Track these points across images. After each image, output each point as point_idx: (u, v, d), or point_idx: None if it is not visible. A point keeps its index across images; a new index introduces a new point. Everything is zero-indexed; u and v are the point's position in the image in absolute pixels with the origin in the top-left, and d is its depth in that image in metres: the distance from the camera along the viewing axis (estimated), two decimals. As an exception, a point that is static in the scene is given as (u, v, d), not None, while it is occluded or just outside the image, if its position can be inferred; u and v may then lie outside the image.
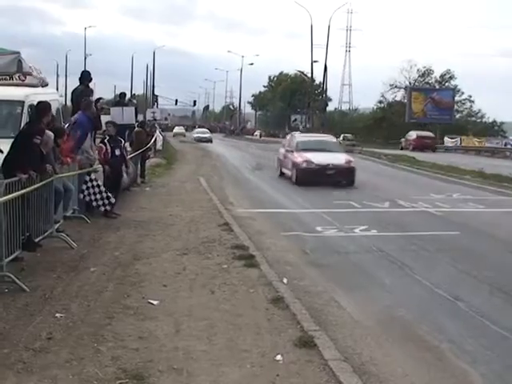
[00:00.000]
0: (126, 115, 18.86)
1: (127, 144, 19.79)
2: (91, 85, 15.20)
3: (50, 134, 9.83)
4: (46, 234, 9.66)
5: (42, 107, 10.09)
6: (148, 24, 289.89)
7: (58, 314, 6.63)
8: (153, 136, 24.68)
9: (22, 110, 12.43)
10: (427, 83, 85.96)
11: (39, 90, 13.04)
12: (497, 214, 16.19)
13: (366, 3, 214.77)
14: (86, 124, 13.01)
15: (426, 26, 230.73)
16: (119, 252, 9.82)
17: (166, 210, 14.55)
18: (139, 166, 20.65)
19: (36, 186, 8.82)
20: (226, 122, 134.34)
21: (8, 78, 9.97)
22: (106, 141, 13.80)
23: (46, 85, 11.33)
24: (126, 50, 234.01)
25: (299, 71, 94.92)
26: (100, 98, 18.07)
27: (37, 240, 9.35)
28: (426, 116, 74.73)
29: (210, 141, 68.92)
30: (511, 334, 6.73)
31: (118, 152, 14.17)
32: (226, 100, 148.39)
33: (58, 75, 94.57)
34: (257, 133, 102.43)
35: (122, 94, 22.98)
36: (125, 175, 15.05)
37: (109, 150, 13.63)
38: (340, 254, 10.68)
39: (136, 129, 21.04)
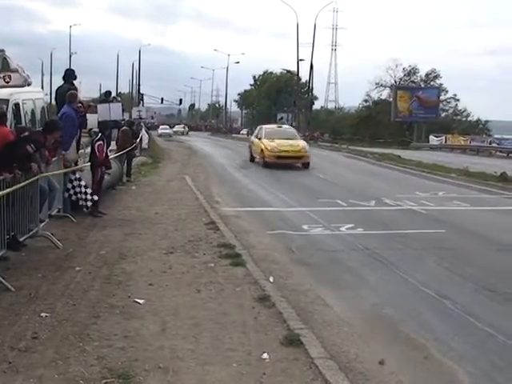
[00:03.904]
0: (113, 111, 18.82)
1: (113, 142, 19.80)
2: (76, 83, 15.12)
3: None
4: (31, 233, 9.61)
5: (52, 125, 10.19)
6: (134, 22, 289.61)
7: (43, 314, 6.60)
8: (138, 135, 24.67)
9: (7, 109, 12.37)
10: (413, 82, 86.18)
11: (24, 88, 12.99)
12: (482, 212, 16.27)
13: (352, 2, 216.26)
14: (74, 116, 12.92)
15: (412, 25, 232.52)
16: (105, 251, 9.79)
17: (151, 209, 14.51)
18: (125, 164, 20.58)
19: (21, 184, 8.77)
20: (212, 120, 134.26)
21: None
22: (103, 138, 13.60)
23: (29, 84, 11.27)
24: (111, 48, 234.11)
25: (286, 70, 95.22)
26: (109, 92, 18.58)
27: (22, 239, 9.30)
28: (412, 115, 75.01)
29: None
30: (497, 331, 6.75)
31: (108, 152, 14.18)
32: (212, 98, 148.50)
33: (42, 74, 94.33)
34: (244, 131, 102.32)
35: (108, 93, 22.95)
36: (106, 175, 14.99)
37: (105, 149, 13.56)
38: (326, 253, 10.69)
39: (123, 128, 21.01)
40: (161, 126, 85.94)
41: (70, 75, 14.89)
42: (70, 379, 5.04)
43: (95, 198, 12.84)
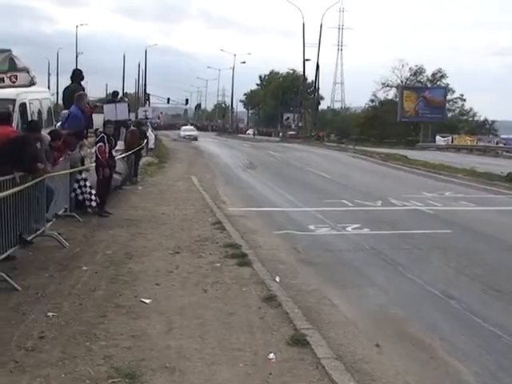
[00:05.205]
0: (119, 111, 18.93)
1: (121, 142, 19.85)
2: (83, 83, 15.16)
3: (46, 136, 9.98)
4: (37, 232, 9.62)
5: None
6: (141, 22, 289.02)
7: (50, 313, 6.61)
8: (145, 136, 24.70)
9: (14, 108, 12.39)
10: (419, 82, 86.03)
11: (30, 88, 13.00)
12: (488, 212, 16.24)
13: (358, 2, 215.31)
14: (81, 116, 12.95)
15: (418, 25, 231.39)
16: (111, 251, 9.81)
17: (158, 209, 14.52)
18: (133, 164, 20.60)
19: (27, 184, 8.78)
20: (219, 120, 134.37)
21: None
22: (105, 140, 13.55)
23: (34, 84, 11.31)
24: (118, 48, 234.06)
25: (294, 70, 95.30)
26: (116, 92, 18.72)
27: (29, 238, 9.31)
28: (418, 115, 74.84)
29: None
30: (503, 331, 6.75)
31: (113, 152, 14.14)
32: (218, 98, 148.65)
33: (49, 74, 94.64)
34: (250, 131, 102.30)
35: (115, 93, 23.04)
36: (114, 175, 14.96)
37: (107, 150, 13.49)
38: (332, 253, 10.68)
39: (131, 128, 21.06)
40: (183, 128, 78.50)
41: (77, 75, 14.94)
42: (76, 378, 5.05)
43: (96, 201, 12.86)
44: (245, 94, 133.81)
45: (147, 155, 28.98)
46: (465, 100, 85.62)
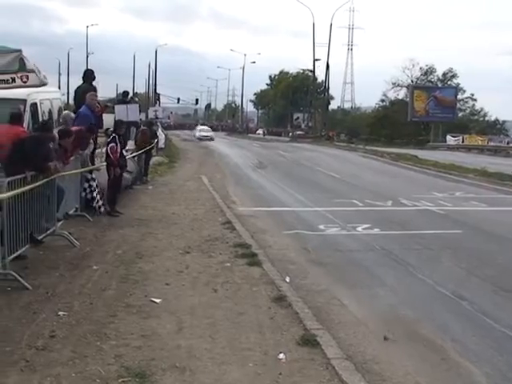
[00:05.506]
0: (130, 112, 18.99)
1: (132, 142, 19.88)
2: (94, 83, 15.18)
3: (56, 135, 10.04)
4: (48, 232, 9.65)
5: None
6: (151, 22, 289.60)
7: (60, 312, 6.63)
8: (156, 135, 24.76)
9: (25, 109, 12.43)
10: (430, 81, 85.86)
11: (41, 88, 13.05)
12: (499, 213, 16.17)
13: (368, 2, 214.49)
14: (91, 116, 12.98)
15: (429, 25, 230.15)
16: (122, 250, 9.82)
17: (168, 209, 14.54)
18: (143, 164, 20.63)
19: (38, 183, 8.80)
20: (229, 120, 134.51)
21: (10, 80, 10.01)
22: (117, 140, 13.53)
23: (45, 84, 11.36)
24: (128, 48, 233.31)
25: (304, 69, 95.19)
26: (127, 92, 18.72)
27: (40, 238, 9.34)
28: (429, 114, 74.65)
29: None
30: (514, 332, 6.72)
31: (124, 152, 14.16)
32: (228, 98, 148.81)
33: (60, 74, 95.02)
34: (260, 131, 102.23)
35: (125, 93, 23.07)
36: (125, 174, 14.98)
37: (118, 150, 13.49)
38: (342, 253, 10.67)
39: (142, 128, 21.09)
40: (199, 128, 76.18)
41: (89, 75, 14.95)
42: (87, 378, 5.06)
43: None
44: (255, 94, 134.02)
45: (157, 155, 29.05)
46: (475, 100, 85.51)
